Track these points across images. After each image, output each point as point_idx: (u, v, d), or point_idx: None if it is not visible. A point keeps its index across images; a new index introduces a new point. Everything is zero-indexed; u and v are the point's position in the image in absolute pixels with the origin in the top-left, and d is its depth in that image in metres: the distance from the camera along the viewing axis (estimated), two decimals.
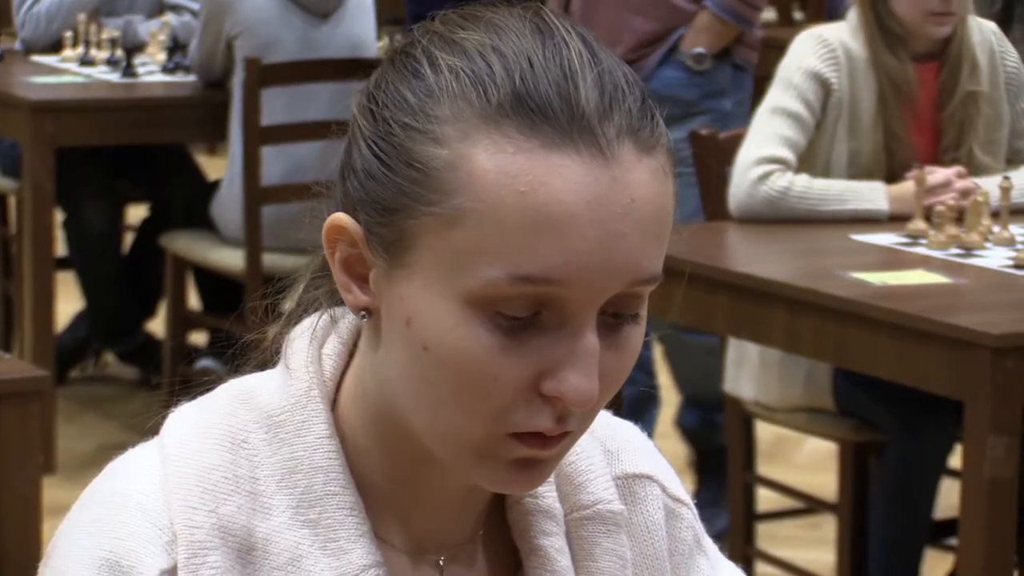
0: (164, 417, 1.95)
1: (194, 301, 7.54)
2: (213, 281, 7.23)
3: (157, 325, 7.61)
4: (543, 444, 1.81)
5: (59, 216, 7.37)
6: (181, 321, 7.27)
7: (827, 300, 4.53)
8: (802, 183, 5.10)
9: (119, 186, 7.70)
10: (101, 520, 1.90)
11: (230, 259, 6.79)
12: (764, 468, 5.71)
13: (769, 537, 5.56)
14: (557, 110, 1.73)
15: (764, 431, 5.84)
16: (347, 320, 1.94)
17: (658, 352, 6.52)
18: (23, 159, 7.17)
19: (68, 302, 7.54)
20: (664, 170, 1.78)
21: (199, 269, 7.18)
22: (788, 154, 5.10)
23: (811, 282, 4.62)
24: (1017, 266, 4.78)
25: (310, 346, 1.93)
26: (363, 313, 1.86)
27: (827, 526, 5.47)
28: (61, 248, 7.45)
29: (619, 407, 2.26)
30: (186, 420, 1.94)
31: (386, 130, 1.79)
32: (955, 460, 4.60)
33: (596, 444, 2.00)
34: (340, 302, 1.91)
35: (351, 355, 1.94)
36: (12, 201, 7.67)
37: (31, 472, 3.94)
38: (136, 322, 7.58)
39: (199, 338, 7.57)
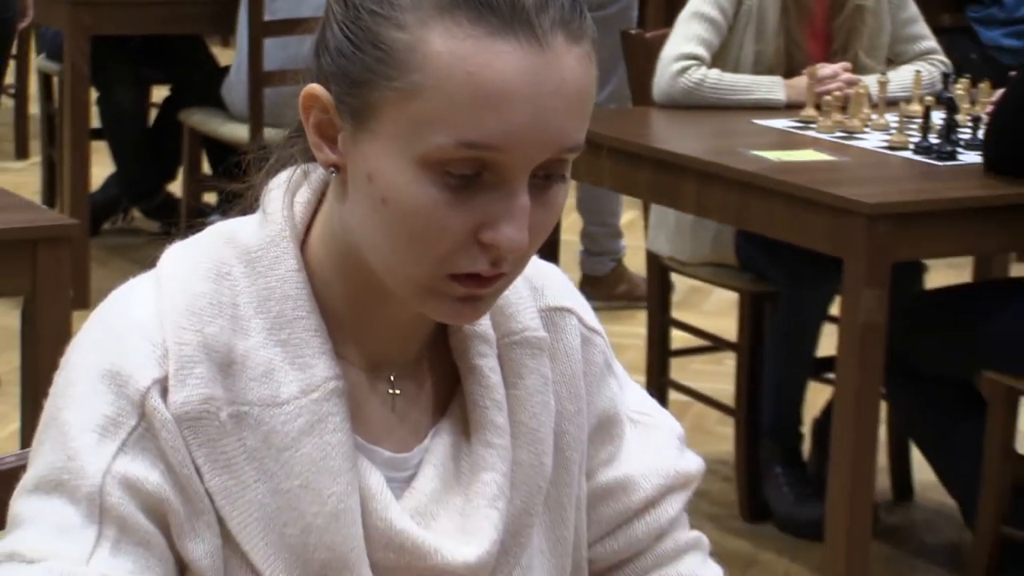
0: (160, 252, 1.96)
1: (206, 167, 7.55)
2: (222, 150, 7.23)
3: (176, 187, 7.59)
4: (480, 284, 1.83)
5: (94, 94, 7.35)
6: (195, 183, 7.34)
7: (732, 173, 4.53)
8: (714, 76, 5.14)
9: (145, 70, 7.71)
10: (105, 338, 1.90)
11: (236, 132, 6.83)
12: (677, 313, 5.72)
13: (680, 370, 5.57)
14: (501, 3, 1.76)
15: (678, 282, 5.84)
16: (317, 174, 1.95)
17: None
18: (64, 46, 7.17)
19: (101, 167, 7.53)
20: (589, 57, 1.80)
21: (210, 140, 7.19)
22: (703, 52, 5.14)
23: (719, 158, 4.62)
24: (890, 148, 4.79)
25: (284, 195, 1.95)
26: (332, 169, 1.88)
27: (728, 362, 5.47)
28: (95, 121, 7.42)
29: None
30: (178, 255, 1.94)
31: (355, 15, 1.81)
32: (835, 309, 4.57)
33: (525, 282, 2.00)
34: (312, 159, 1.92)
35: (320, 203, 1.94)
36: (55, 81, 7.62)
37: (63, 305, 3.92)
38: (158, 184, 7.64)
39: (210, 197, 7.58)
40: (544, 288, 2.06)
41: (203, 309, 1.89)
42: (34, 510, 1.85)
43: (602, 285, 7.03)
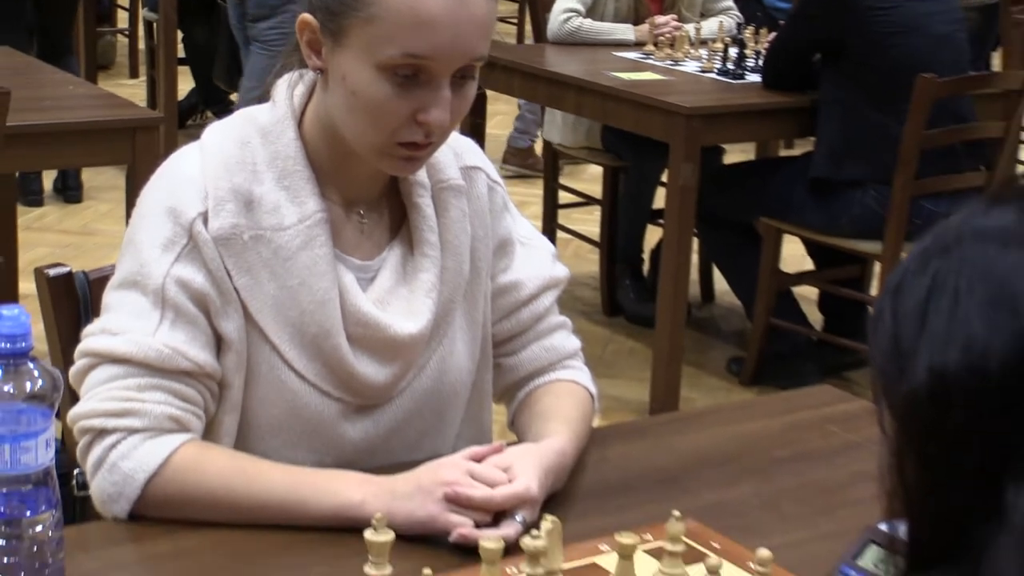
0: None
1: None
2: None
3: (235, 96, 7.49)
4: (417, 149, 1.84)
5: (180, 34, 7.21)
6: None
7: (599, 87, 4.51)
8: (587, 24, 5.12)
9: (216, 14, 7.53)
10: (166, 185, 1.89)
11: None
12: (563, 180, 5.66)
13: (565, 218, 5.54)
14: None
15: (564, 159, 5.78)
16: (308, 76, 1.93)
17: None
18: (159, 2, 7.00)
19: (186, 83, 7.38)
20: None
21: None
22: (580, 7, 5.11)
23: (590, 77, 4.58)
24: (702, 71, 4.78)
25: (287, 89, 1.94)
26: (318, 72, 1.87)
27: (596, 213, 5.43)
28: (181, 52, 7.28)
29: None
30: (215, 130, 1.94)
31: None
32: (664, 177, 4.53)
33: (449, 148, 1.99)
34: (305, 66, 1.90)
35: (311, 96, 1.93)
36: (154, 25, 7.46)
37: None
38: (226, 94, 7.44)
39: None
40: (463, 153, 2.03)
41: (232, 165, 1.87)
42: (117, 301, 1.86)
43: (520, 155, 7.00)
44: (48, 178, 6.30)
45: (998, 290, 0.98)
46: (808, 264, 4.83)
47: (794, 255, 4.81)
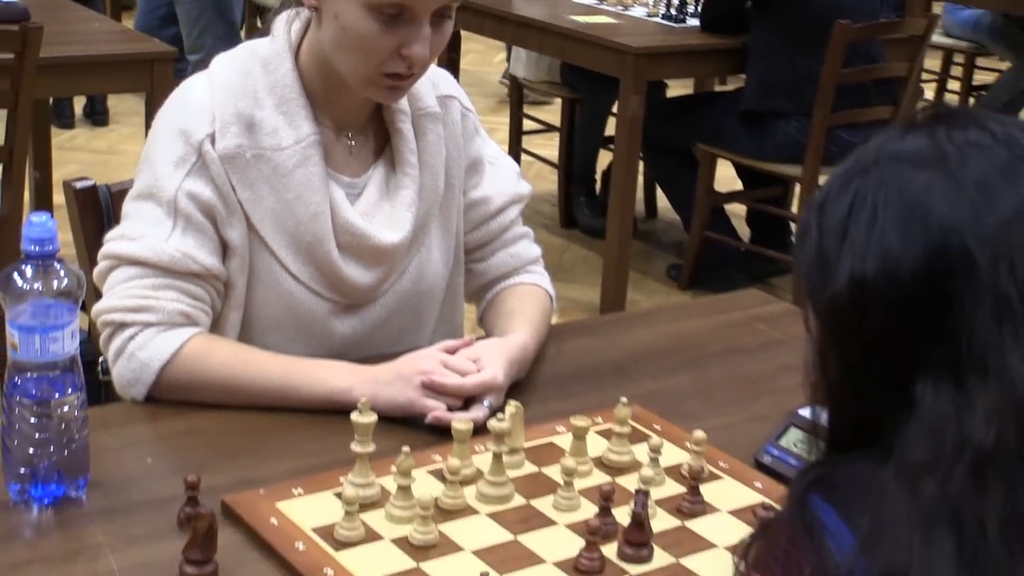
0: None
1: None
2: None
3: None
4: (400, 79, 1.79)
5: None
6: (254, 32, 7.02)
7: (559, 28, 4.43)
8: None
9: None
10: (178, 109, 1.85)
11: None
12: (527, 110, 5.58)
13: (528, 143, 5.46)
14: None
15: (528, 92, 5.70)
16: (304, 13, 1.87)
17: None
18: None
19: None
20: None
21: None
22: None
23: (552, 20, 4.50)
24: (648, 16, 4.69)
25: (285, 24, 1.88)
26: (313, 9, 1.81)
27: (555, 139, 5.36)
28: None
29: None
30: (222, 60, 1.89)
31: None
32: (615, 108, 4.48)
33: (427, 79, 1.94)
34: (301, 4, 1.84)
35: (306, 30, 1.87)
36: None
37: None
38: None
39: None
40: (439, 83, 1.98)
41: (236, 92, 1.82)
42: (135, 210, 1.82)
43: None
44: (78, 104, 6.21)
45: (911, 207, 0.96)
46: (738, 185, 4.80)
47: (726, 177, 4.78)
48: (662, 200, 5.09)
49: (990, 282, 0.94)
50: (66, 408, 1.51)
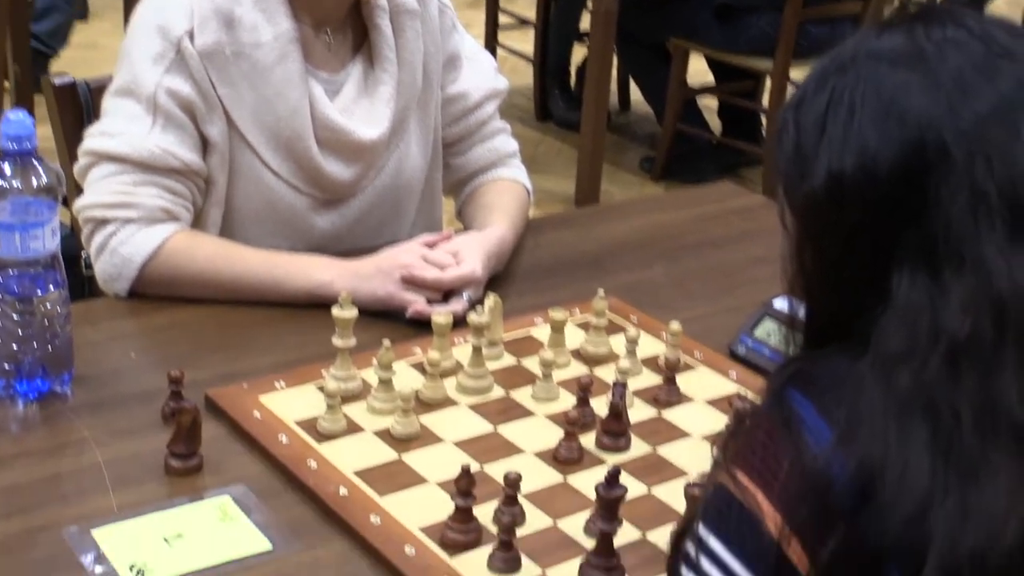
0: None
1: None
2: None
3: None
4: None
5: None
6: None
7: None
8: None
9: None
10: (154, 6, 1.79)
11: None
12: (503, 5, 5.48)
13: (504, 38, 5.38)
14: None
15: None
16: None
17: None
18: None
19: None
20: None
21: None
22: None
23: None
24: None
25: None
26: None
27: (531, 33, 5.26)
28: None
29: None
30: None
31: None
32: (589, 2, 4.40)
33: None
34: None
35: None
36: None
37: None
38: None
39: None
40: None
41: None
42: (114, 107, 1.77)
43: None
44: None
45: (889, 104, 0.94)
46: (710, 78, 4.74)
47: (698, 70, 4.71)
48: (635, 93, 5.03)
49: (967, 177, 0.92)
50: (48, 305, 1.47)
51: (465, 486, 1.28)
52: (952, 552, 0.87)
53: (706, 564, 0.93)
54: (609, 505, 1.23)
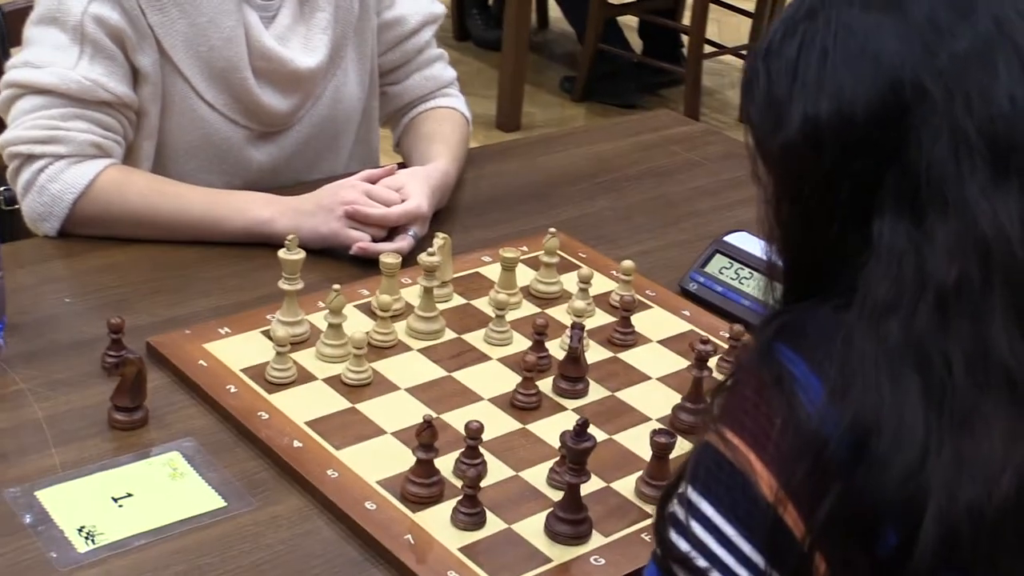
0: None
1: None
2: None
3: None
4: None
5: None
6: None
7: None
8: None
9: None
10: None
11: None
12: None
13: None
14: None
15: None
16: None
17: None
18: None
19: None
20: None
21: None
22: None
23: None
24: None
25: None
26: None
27: None
28: None
29: None
30: None
31: None
32: None
33: None
34: None
35: None
36: None
37: None
38: None
39: None
40: None
41: None
42: (38, 36, 1.66)
43: None
44: None
45: (862, 46, 0.90)
46: None
47: None
48: (554, 11, 4.94)
49: (946, 116, 0.88)
50: None
51: (427, 438, 1.22)
52: (950, 506, 0.84)
53: (697, 528, 0.88)
54: (578, 457, 1.18)
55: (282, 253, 1.45)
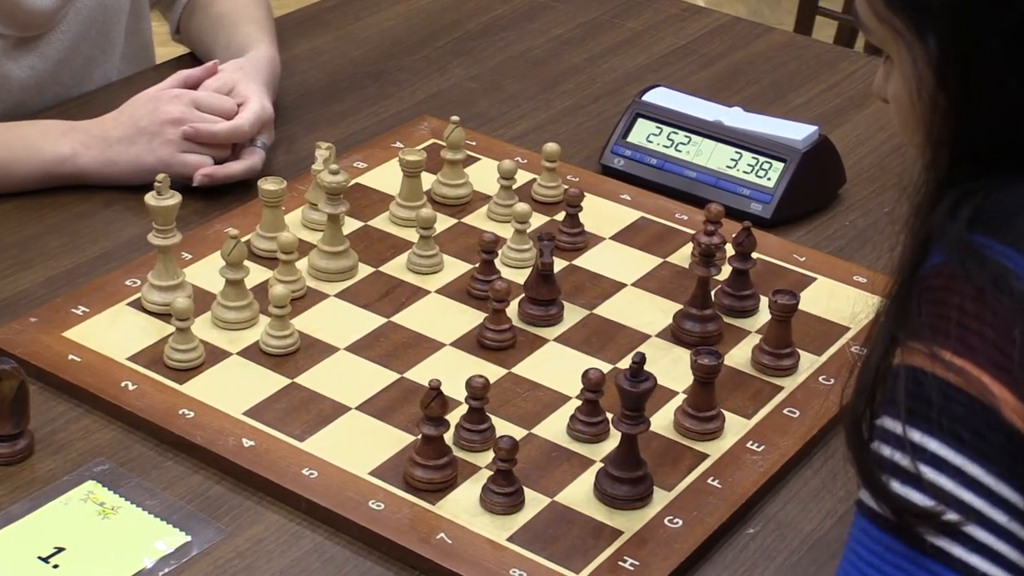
0: None
1: None
2: None
3: None
4: None
5: None
6: None
7: None
8: None
9: None
10: None
11: None
12: None
13: None
14: None
15: None
16: None
17: None
18: None
19: None
20: None
21: None
22: None
23: None
24: None
25: None
26: None
27: None
28: None
29: None
30: None
31: None
32: None
33: None
34: None
35: None
36: None
37: None
38: None
39: None
40: None
41: None
42: None
43: None
44: None
45: None
46: None
47: None
48: None
49: None
50: None
51: (437, 410, 1.16)
52: None
53: (933, 475, 0.88)
54: (637, 401, 1.15)
55: (150, 199, 1.34)
